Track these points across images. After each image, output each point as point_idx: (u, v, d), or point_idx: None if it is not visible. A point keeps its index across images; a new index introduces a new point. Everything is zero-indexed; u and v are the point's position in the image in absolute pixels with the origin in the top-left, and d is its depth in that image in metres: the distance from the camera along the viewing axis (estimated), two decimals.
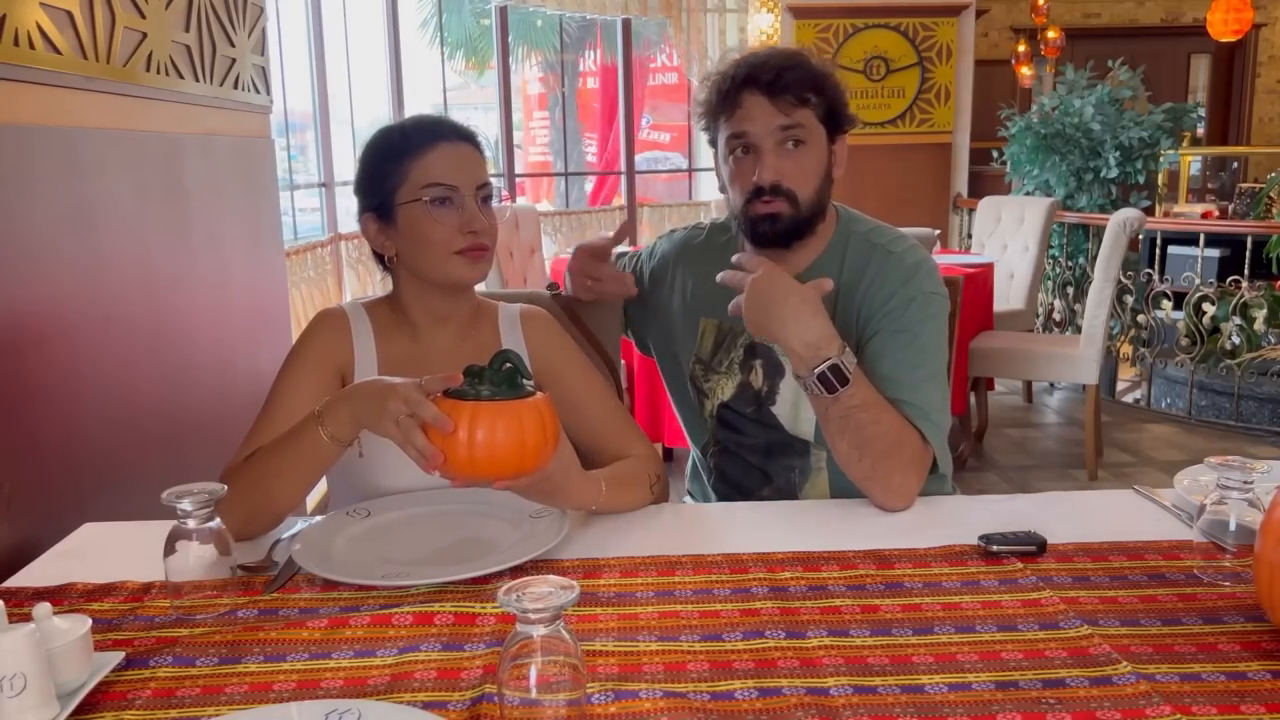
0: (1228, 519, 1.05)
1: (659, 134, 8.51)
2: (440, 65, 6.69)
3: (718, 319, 1.52)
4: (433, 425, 1.03)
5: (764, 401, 1.49)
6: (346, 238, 4.17)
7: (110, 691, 0.87)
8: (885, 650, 0.92)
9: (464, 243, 1.29)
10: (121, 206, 1.69)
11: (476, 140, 1.35)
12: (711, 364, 1.54)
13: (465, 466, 1.03)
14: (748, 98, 1.38)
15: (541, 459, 1.06)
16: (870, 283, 1.42)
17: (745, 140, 1.39)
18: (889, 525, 1.25)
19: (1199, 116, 8.11)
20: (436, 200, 1.29)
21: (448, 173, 1.29)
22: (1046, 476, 3.96)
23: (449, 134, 1.32)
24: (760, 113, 1.38)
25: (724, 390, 1.52)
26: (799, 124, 1.38)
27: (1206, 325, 4.61)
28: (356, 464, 1.31)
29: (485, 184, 1.32)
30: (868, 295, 1.41)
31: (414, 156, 1.30)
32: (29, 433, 1.37)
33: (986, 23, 8.70)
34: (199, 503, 1.01)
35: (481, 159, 1.34)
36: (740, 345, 1.51)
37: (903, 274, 1.41)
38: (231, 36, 2.16)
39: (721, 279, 1.34)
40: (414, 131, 1.32)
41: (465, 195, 1.29)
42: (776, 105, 1.37)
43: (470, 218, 1.29)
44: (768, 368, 1.49)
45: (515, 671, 0.74)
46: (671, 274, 1.60)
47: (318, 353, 1.33)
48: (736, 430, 1.53)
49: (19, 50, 1.37)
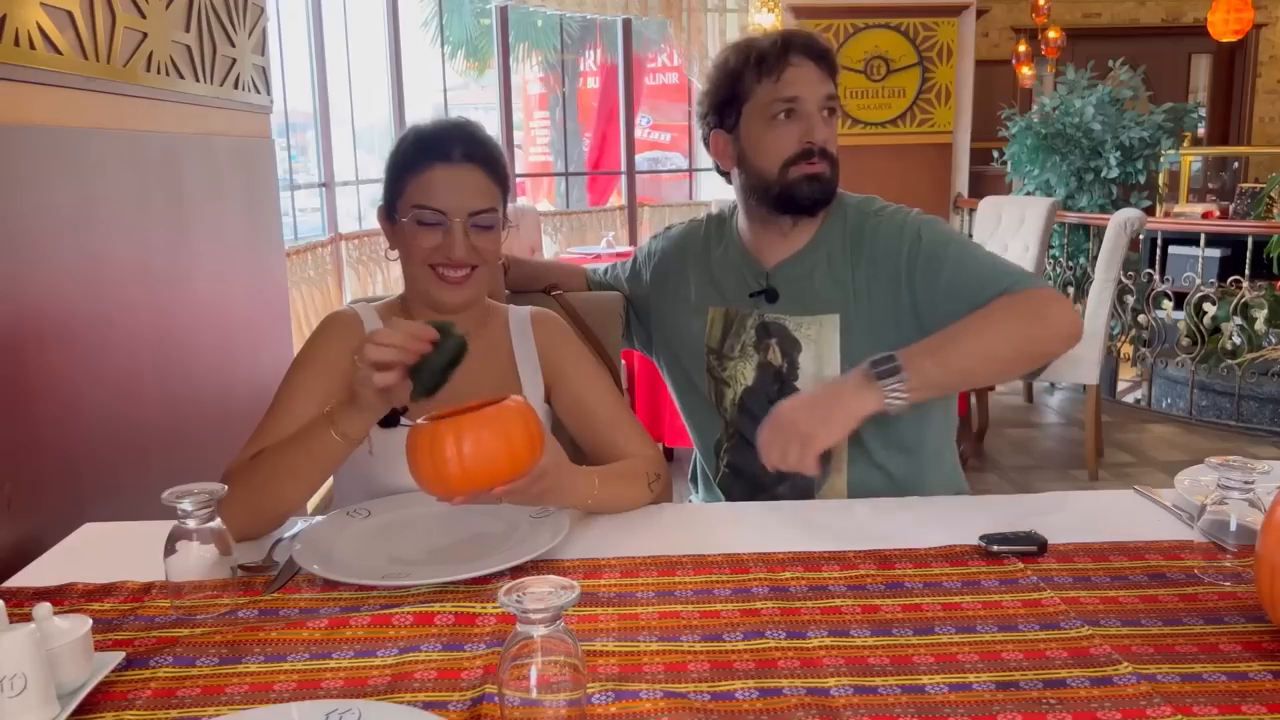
0: (1228, 519, 1.05)
1: (659, 134, 8.51)
2: (441, 65, 6.69)
3: (725, 305, 1.53)
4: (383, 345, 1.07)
5: (786, 379, 1.48)
6: (347, 238, 4.17)
7: (110, 691, 0.87)
8: (886, 650, 0.92)
9: (438, 259, 1.30)
10: (121, 207, 1.69)
11: (486, 159, 1.32)
12: (724, 350, 1.53)
13: (461, 480, 1.05)
14: (798, 62, 1.42)
15: (533, 456, 1.08)
16: (872, 246, 1.45)
17: (794, 105, 1.41)
18: (889, 525, 1.25)
19: (1200, 116, 8.10)
20: (422, 221, 1.29)
21: (438, 197, 1.29)
22: (1047, 477, 3.96)
23: (454, 155, 1.30)
24: (813, 77, 1.42)
25: (745, 375, 1.51)
26: (835, 94, 1.45)
27: (1207, 325, 4.61)
28: (365, 463, 1.31)
29: (482, 211, 1.30)
30: (875, 259, 1.44)
31: (414, 173, 1.30)
32: (29, 433, 1.37)
33: (987, 23, 8.70)
34: (199, 503, 1.01)
35: (487, 182, 1.31)
36: (751, 326, 1.51)
37: (898, 224, 1.45)
38: (232, 36, 2.16)
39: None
40: (421, 146, 1.32)
41: (454, 221, 1.28)
42: (822, 72, 1.43)
43: (451, 243, 1.28)
44: (784, 344, 1.49)
45: (515, 672, 0.74)
46: (676, 271, 1.60)
47: (327, 356, 1.33)
48: (758, 420, 1.52)
49: (19, 50, 1.37)
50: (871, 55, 6.18)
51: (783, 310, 1.48)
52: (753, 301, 1.50)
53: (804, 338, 1.47)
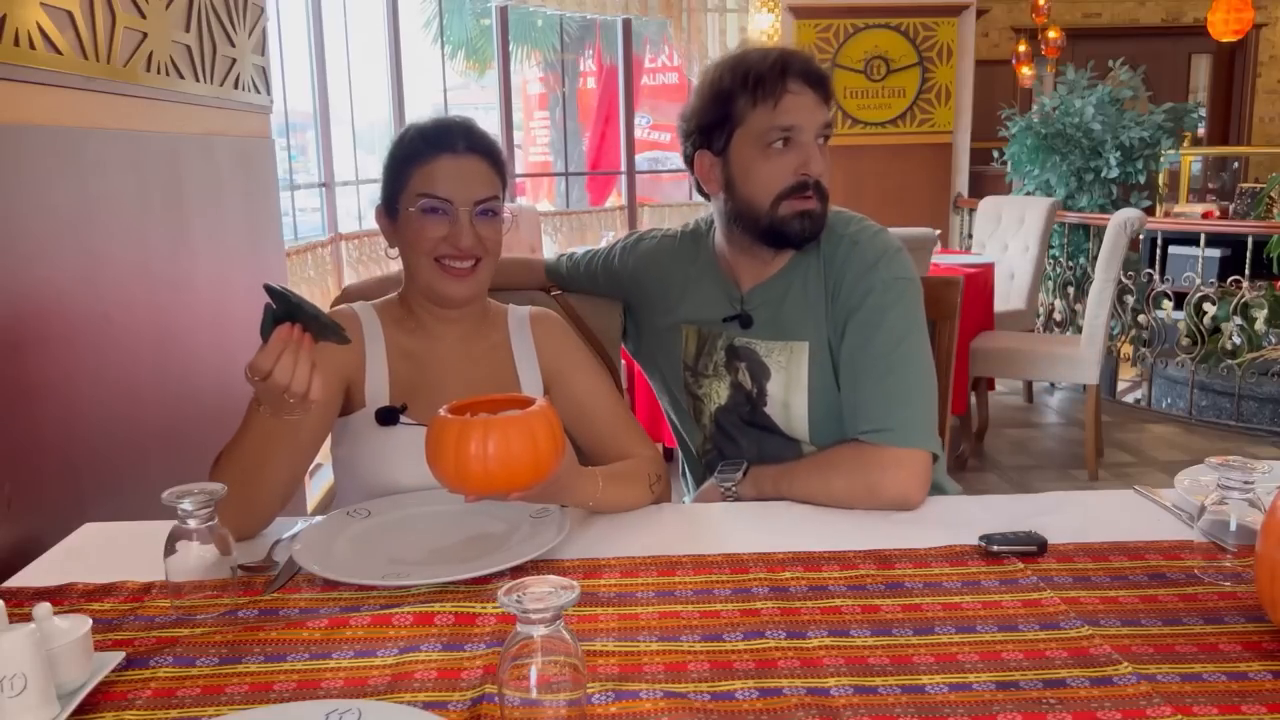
0: (1228, 519, 1.05)
1: (659, 134, 8.51)
2: (441, 65, 6.69)
3: (697, 324, 1.51)
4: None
5: (756, 402, 1.48)
6: (347, 238, 4.17)
7: (110, 691, 0.87)
8: (886, 650, 0.92)
9: (444, 250, 1.30)
10: (122, 206, 1.69)
11: (489, 151, 1.34)
12: (697, 368, 1.52)
13: (480, 481, 1.03)
14: (797, 89, 1.34)
15: (555, 464, 1.07)
16: (838, 276, 1.40)
17: (791, 134, 1.34)
18: (889, 525, 1.25)
19: (1200, 116, 8.10)
20: (428, 210, 1.30)
21: (444, 186, 1.29)
22: (1047, 476, 3.96)
23: (458, 145, 1.31)
24: (810, 105, 1.34)
25: (719, 393, 1.51)
26: (832, 121, 1.38)
27: (1207, 325, 4.61)
28: (362, 462, 1.32)
29: (486, 199, 1.31)
30: (838, 288, 1.39)
31: (418, 164, 1.31)
32: (29, 433, 1.37)
33: (987, 23, 8.70)
34: (199, 503, 1.01)
35: (490, 172, 1.33)
36: (721, 348, 1.49)
37: (862, 267, 1.38)
38: (232, 36, 2.16)
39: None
40: (424, 138, 1.32)
41: (459, 209, 1.29)
42: (819, 99, 1.35)
43: (458, 231, 1.29)
44: (752, 369, 1.47)
45: (515, 672, 0.74)
46: (653, 287, 1.57)
47: (326, 351, 1.33)
48: (731, 439, 1.52)
49: (19, 50, 1.37)
50: (871, 55, 6.18)
51: (755, 335, 1.46)
52: (725, 325, 1.48)
53: (774, 364, 1.44)
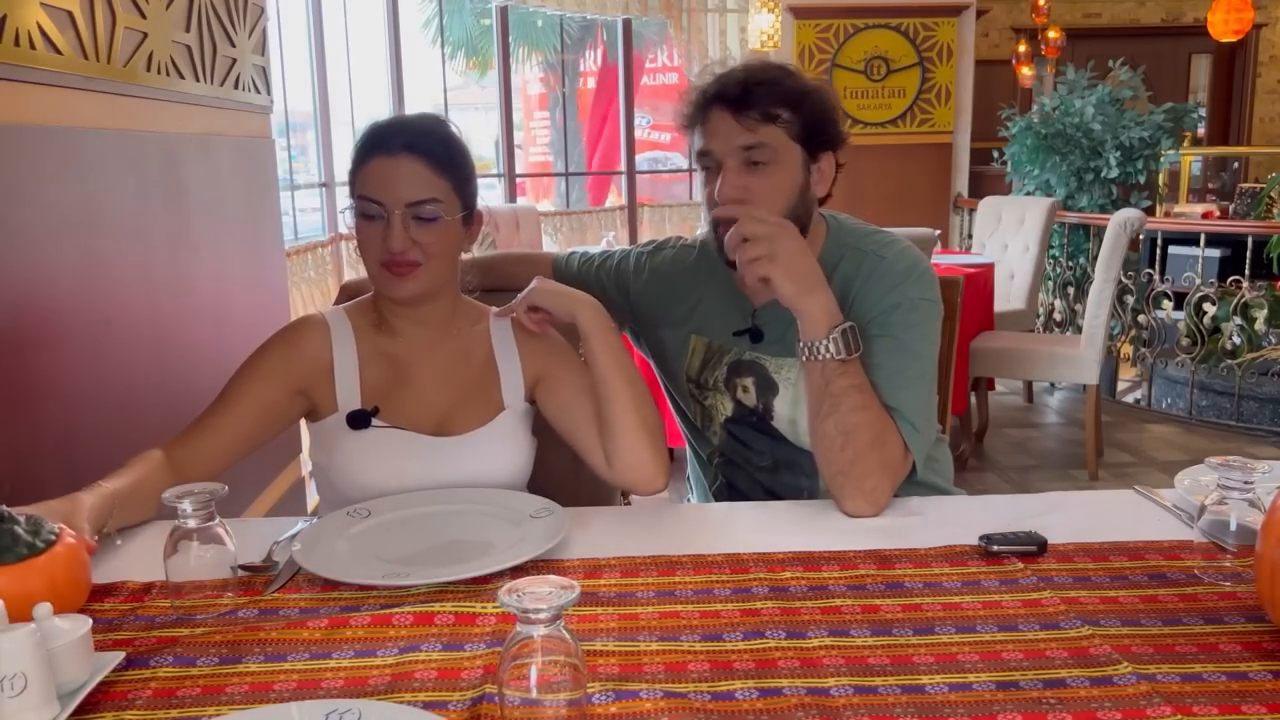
0: (1228, 519, 1.05)
1: (659, 134, 8.52)
2: (441, 65, 6.69)
3: (707, 337, 1.50)
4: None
5: (763, 416, 1.47)
6: (347, 238, 4.17)
7: (111, 691, 0.87)
8: (886, 650, 0.92)
9: (384, 256, 1.29)
10: (122, 207, 1.69)
11: (429, 151, 1.29)
12: (701, 380, 1.52)
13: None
14: (714, 114, 1.35)
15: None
16: (861, 287, 1.39)
17: (710, 158, 1.36)
18: (889, 525, 1.25)
19: (1200, 116, 8.10)
20: (363, 213, 1.29)
21: (375, 188, 1.28)
22: (1047, 476, 3.96)
23: (393, 145, 1.28)
24: (724, 129, 1.34)
25: (725, 406, 1.50)
26: (762, 143, 1.33)
27: (1207, 325, 4.61)
28: (336, 466, 1.31)
29: (419, 202, 1.27)
30: (859, 299, 1.38)
31: (359, 164, 1.30)
32: (29, 433, 1.37)
33: (987, 23, 8.70)
34: (199, 503, 1.01)
35: (429, 173, 1.28)
36: (725, 363, 1.48)
37: (892, 279, 1.38)
38: (232, 36, 2.16)
39: (724, 232, 1.30)
40: (367, 138, 1.31)
41: (392, 212, 1.27)
42: (741, 122, 1.33)
43: (390, 235, 1.27)
44: (760, 385, 1.46)
45: (515, 671, 0.74)
46: (666, 295, 1.56)
47: (274, 365, 1.34)
48: (745, 445, 1.51)
49: (19, 50, 1.37)
50: (871, 55, 6.18)
51: (765, 350, 1.45)
52: (735, 339, 1.47)
53: (782, 380, 1.44)
